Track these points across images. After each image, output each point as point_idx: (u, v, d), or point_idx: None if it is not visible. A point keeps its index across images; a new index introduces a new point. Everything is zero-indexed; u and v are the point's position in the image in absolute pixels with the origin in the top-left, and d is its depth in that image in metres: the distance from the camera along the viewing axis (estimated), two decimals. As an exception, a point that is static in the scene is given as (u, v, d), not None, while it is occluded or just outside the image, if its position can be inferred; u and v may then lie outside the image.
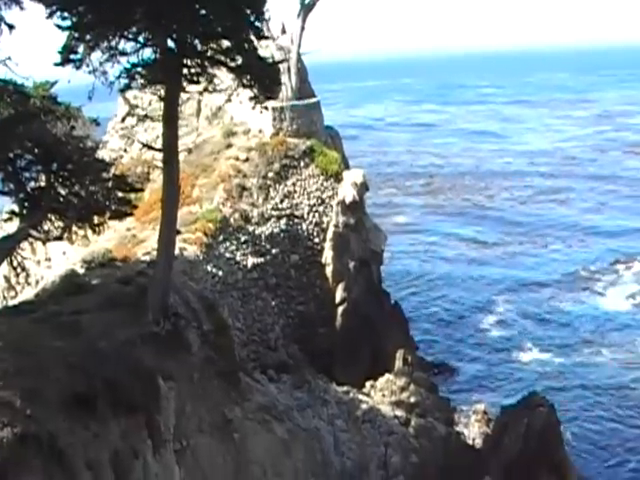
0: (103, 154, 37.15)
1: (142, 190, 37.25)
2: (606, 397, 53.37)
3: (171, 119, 28.02)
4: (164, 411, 22.74)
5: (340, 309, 49.55)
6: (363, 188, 52.37)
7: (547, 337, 62.50)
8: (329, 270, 49.71)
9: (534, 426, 40.58)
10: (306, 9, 54.50)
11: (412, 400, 42.57)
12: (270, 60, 35.08)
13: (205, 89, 28.23)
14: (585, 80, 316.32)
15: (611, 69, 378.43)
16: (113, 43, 25.62)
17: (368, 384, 43.60)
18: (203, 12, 26.17)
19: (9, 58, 25.32)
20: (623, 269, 77.10)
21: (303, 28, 54.59)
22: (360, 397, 40.46)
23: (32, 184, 26.22)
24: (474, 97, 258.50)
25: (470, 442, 44.55)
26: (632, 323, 65.31)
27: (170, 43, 26.43)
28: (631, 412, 51.41)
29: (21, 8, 25.51)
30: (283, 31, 57.67)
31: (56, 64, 25.55)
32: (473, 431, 46.67)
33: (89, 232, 27.53)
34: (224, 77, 29.43)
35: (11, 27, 25.49)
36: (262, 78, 27.66)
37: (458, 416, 48.40)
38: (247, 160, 48.91)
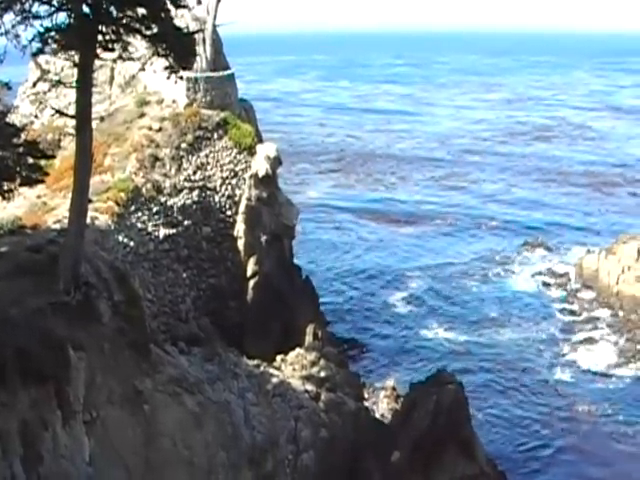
0: (13, 119, 36.16)
1: (53, 157, 36.39)
2: (511, 375, 54.39)
3: (84, 86, 27.39)
4: (74, 381, 22.31)
5: (251, 283, 49.33)
6: (276, 162, 52.19)
7: (455, 315, 63.33)
8: (241, 243, 49.43)
9: (443, 403, 40.96)
10: (222, -20, 53.99)
11: (322, 375, 42.69)
12: (185, 30, 34.67)
13: (119, 57, 27.70)
14: (497, 63, 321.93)
15: (523, 54, 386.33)
16: (26, 5, 24.95)
17: (279, 358, 43.58)
18: (119, -23, 25.65)
19: None
20: (530, 250, 78.48)
21: (219, 0, 54.07)
22: (271, 371, 40.36)
23: (-60, 147, 25.47)
24: (387, 76, 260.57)
25: (379, 418, 44.85)
26: (536, 303, 66.77)
27: (85, 8, 25.84)
28: (535, 390, 52.50)
29: None
30: (199, 2, 56.72)
31: (-35, 25, 24.80)
32: (382, 407, 47.14)
33: (-2, 198, 26.87)
34: (139, 45, 28.91)
35: None
36: (177, 48, 27.24)
37: (367, 392, 48.82)
38: (160, 130, 48.16)
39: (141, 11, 26.08)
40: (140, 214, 43.20)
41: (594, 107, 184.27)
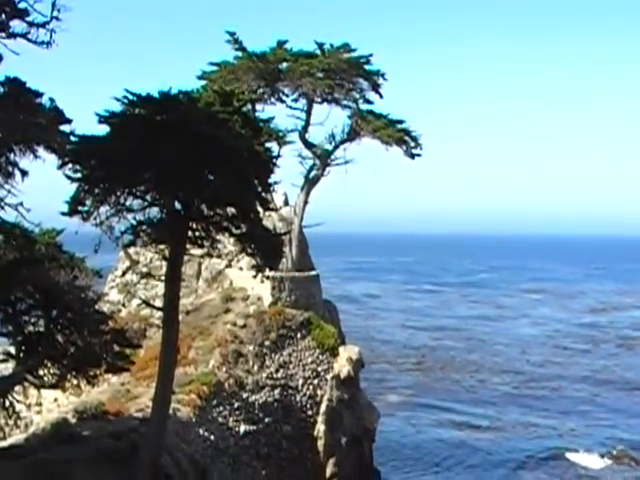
0: (102, 306, 36.97)
1: (139, 346, 36.83)
2: None
3: (173, 279, 27.96)
4: None
5: (330, 484, 48.43)
6: (358, 364, 52.25)
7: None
8: (320, 444, 48.86)
9: None
10: (310, 183, 55.58)
11: None
12: (273, 231, 35.37)
13: (208, 253, 28.29)
14: (579, 271, 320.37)
15: (607, 261, 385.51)
16: (121, 199, 25.83)
17: None
18: (211, 178, 26.44)
19: (21, 204, 25.45)
20: (615, 462, 75.25)
21: (306, 202, 55.52)
22: None
23: (30, 328, 25.93)
24: (469, 281, 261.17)
25: None
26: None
27: (177, 205, 26.59)
28: None
29: (35, 156, 25.76)
30: (286, 202, 58.52)
31: (63, 214, 25.62)
32: None
33: (83, 382, 27.02)
34: (227, 242, 29.48)
35: (24, 173, 25.69)
36: (265, 248, 27.83)
37: None
38: (245, 326, 48.74)
39: (231, 210, 26.75)
40: (221, 408, 43.10)
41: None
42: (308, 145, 56.48)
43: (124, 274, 57.46)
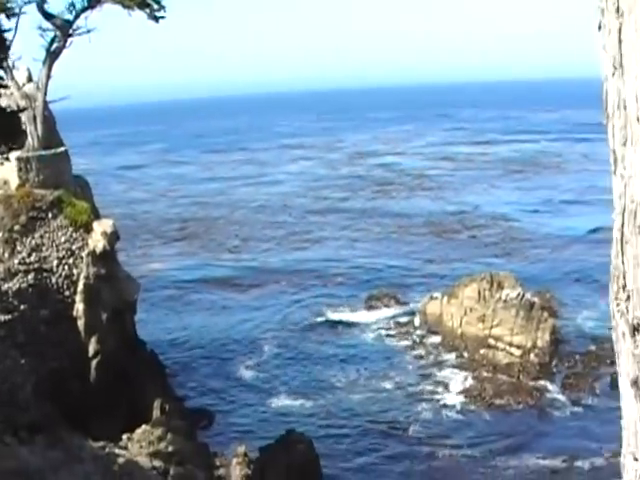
0: None
1: None
2: (365, 428, 54.46)
3: None
4: None
5: (94, 362, 48.57)
6: (114, 237, 51.76)
7: (303, 380, 62.62)
8: (81, 323, 48.65)
9: (294, 462, 41.28)
10: (52, 56, 53.67)
11: (170, 449, 42.17)
12: (13, 109, 34.39)
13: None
14: (334, 122, 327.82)
15: (357, 111, 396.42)
16: None
17: (125, 437, 42.83)
18: None
19: None
20: (375, 303, 78.97)
21: (49, 76, 53.69)
22: (117, 451, 39.63)
23: None
24: (228, 141, 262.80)
25: (233, 486, 44.61)
26: (383, 355, 67.05)
27: None
28: (385, 443, 52.76)
29: None
30: (30, 79, 56.49)
31: None
32: (235, 474, 46.64)
33: None
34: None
35: None
36: (2, 128, 27.21)
37: (219, 461, 48.18)
38: (-9, 214, 47.40)
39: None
40: (-27, 303, 42.26)
41: (430, 157, 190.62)
42: (47, 16, 54.22)
43: None
